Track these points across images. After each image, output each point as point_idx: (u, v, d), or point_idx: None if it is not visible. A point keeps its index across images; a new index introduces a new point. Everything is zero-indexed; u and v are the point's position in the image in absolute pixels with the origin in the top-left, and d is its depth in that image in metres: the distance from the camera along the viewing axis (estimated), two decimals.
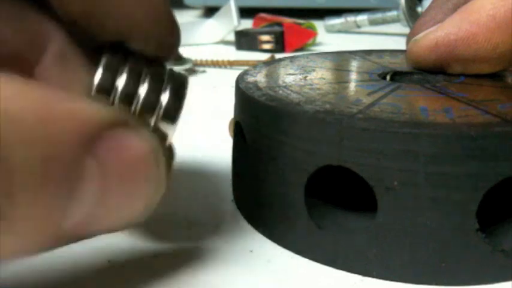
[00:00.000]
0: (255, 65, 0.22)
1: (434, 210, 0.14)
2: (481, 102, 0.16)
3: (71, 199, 0.11)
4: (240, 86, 0.18)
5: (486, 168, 0.13)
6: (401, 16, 0.55)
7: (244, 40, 0.54)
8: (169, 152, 0.15)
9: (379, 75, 0.20)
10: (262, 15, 0.60)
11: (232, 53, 0.53)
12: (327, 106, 0.16)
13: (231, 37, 0.55)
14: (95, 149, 0.11)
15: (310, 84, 0.18)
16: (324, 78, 0.19)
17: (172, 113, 0.14)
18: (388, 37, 0.62)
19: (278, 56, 0.48)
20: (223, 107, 0.19)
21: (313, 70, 0.21)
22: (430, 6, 0.22)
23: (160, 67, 0.15)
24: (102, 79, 0.14)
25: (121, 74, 0.14)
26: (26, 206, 0.10)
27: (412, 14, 0.54)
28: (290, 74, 0.20)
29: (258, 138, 0.17)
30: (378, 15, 0.59)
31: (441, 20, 0.20)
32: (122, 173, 0.12)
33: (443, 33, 0.19)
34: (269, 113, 0.16)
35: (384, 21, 0.59)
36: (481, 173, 0.14)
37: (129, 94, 0.14)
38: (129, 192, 0.12)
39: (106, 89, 0.14)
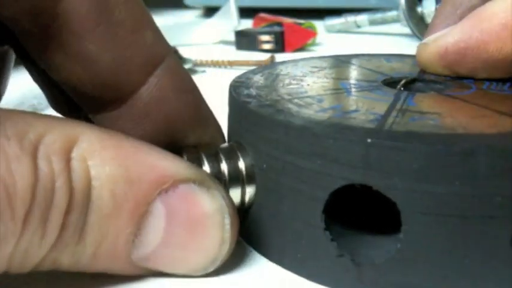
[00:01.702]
0: (245, 72, 0.20)
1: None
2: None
3: (139, 233, 0.14)
4: (242, 100, 0.17)
5: None
6: (401, 16, 0.55)
7: (244, 40, 0.54)
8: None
9: (386, 83, 0.19)
10: (262, 15, 0.60)
11: (232, 53, 0.52)
12: (343, 121, 0.14)
13: (231, 37, 0.55)
14: (165, 196, 0.14)
15: (315, 96, 0.17)
16: (327, 88, 0.18)
17: (253, 176, 0.16)
18: (388, 37, 0.62)
19: (278, 56, 0.48)
20: (224, 107, 0.19)
21: (312, 78, 0.20)
22: (436, 16, 0.22)
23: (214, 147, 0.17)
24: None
25: (200, 161, 0.16)
26: (96, 223, 0.13)
27: (412, 14, 0.54)
28: (289, 84, 0.19)
29: (269, 160, 0.15)
30: (378, 15, 0.59)
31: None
32: (186, 223, 0.14)
33: (453, 40, 0.19)
34: (283, 132, 0.15)
35: (384, 21, 0.59)
36: None
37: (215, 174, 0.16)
38: (191, 242, 0.14)
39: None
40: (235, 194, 0.16)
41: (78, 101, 0.18)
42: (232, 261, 0.15)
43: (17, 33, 0.16)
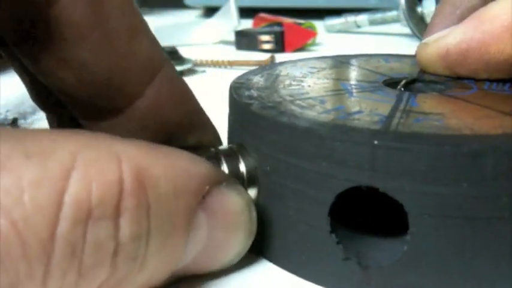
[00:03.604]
0: (245, 73, 0.20)
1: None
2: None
3: (187, 244, 0.13)
4: (244, 102, 0.16)
5: None
6: (401, 16, 0.55)
7: (244, 40, 0.53)
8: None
9: (386, 83, 0.19)
10: (262, 15, 0.60)
11: (232, 53, 0.52)
12: (348, 122, 0.14)
13: (231, 37, 0.55)
14: (205, 203, 0.13)
15: (317, 97, 0.17)
16: (328, 89, 0.18)
17: (254, 178, 0.16)
18: (388, 37, 0.61)
19: (278, 56, 0.48)
20: (224, 108, 0.19)
21: (312, 79, 0.19)
22: (436, 16, 0.22)
23: (211, 148, 0.17)
24: None
25: None
26: (156, 247, 0.12)
27: (412, 14, 0.54)
28: (290, 85, 0.18)
29: (273, 162, 0.15)
30: (378, 15, 0.59)
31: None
32: (223, 223, 0.14)
33: (455, 41, 0.19)
34: (287, 134, 0.15)
35: (384, 21, 0.59)
36: None
37: None
38: (227, 240, 0.14)
39: None
40: None
41: (72, 108, 0.17)
42: (236, 265, 0.15)
43: (7, 37, 0.15)
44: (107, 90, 0.15)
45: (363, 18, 0.60)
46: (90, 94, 0.15)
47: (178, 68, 0.41)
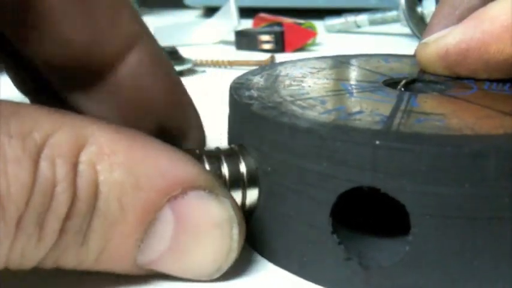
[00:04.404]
0: (244, 74, 0.20)
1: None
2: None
3: (146, 238, 0.14)
4: (244, 102, 0.16)
5: None
6: (402, 16, 0.55)
7: (244, 40, 0.53)
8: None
9: (386, 83, 0.19)
10: (262, 15, 0.60)
11: (232, 53, 0.52)
12: (349, 123, 0.14)
13: (231, 37, 0.55)
14: (176, 203, 0.13)
15: (317, 98, 0.17)
16: (328, 89, 0.18)
17: (255, 178, 0.16)
18: (388, 37, 0.61)
19: (278, 56, 0.48)
20: (224, 108, 0.19)
21: (312, 79, 0.19)
22: (435, 16, 0.22)
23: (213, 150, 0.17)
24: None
25: (201, 162, 0.16)
26: (101, 228, 0.13)
27: (412, 14, 0.54)
28: (290, 85, 0.18)
29: (274, 162, 0.15)
30: (378, 15, 0.59)
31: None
32: (194, 230, 0.14)
33: (454, 41, 0.19)
34: (288, 134, 0.14)
35: (384, 21, 0.59)
36: None
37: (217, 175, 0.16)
38: (198, 249, 0.14)
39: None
40: (236, 197, 0.16)
41: (53, 78, 0.17)
42: (237, 266, 0.15)
43: None
44: (88, 57, 0.16)
45: (363, 18, 0.60)
46: (72, 63, 0.16)
47: (178, 68, 0.41)
